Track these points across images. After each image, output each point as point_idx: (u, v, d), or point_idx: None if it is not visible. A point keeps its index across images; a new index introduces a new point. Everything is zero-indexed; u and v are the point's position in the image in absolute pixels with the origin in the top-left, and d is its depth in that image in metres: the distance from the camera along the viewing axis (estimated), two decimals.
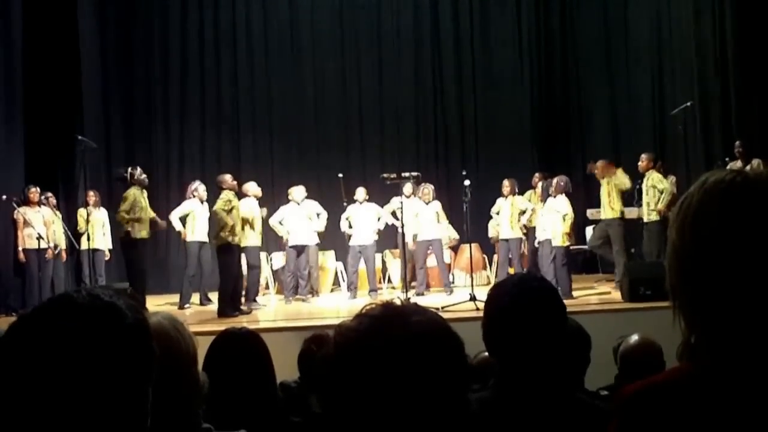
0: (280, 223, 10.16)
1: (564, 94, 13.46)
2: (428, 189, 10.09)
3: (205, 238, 9.54)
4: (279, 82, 13.00)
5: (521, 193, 10.29)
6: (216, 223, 8.77)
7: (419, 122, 13.35)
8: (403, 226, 9.28)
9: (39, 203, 9.40)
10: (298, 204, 10.10)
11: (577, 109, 13.43)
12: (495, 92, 13.36)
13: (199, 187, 9.65)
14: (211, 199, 9.45)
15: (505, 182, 10.06)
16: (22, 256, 9.21)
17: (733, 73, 10.33)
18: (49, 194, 9.61)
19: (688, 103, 9.54)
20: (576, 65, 13.42)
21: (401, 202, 9.17)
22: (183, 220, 9.64)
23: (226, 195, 8.82)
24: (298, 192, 10.16)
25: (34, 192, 9.34)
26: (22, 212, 9.18)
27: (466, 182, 8.86)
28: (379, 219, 10.25)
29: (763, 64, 9.84)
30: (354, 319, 1.06)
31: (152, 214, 9.10)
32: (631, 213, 9.66)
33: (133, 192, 8.75)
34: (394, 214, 9.99)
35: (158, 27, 12.71)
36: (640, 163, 9.32)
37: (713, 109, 10.61)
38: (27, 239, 9.23)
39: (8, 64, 9.96)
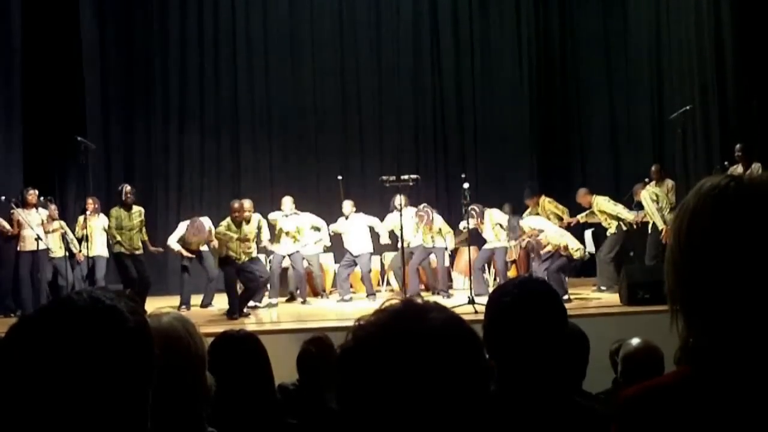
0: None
1: (563, 99, 13.44)
2: (423, 212, 9.68)
3: (204, 247, 9.58)
4: (278, 84, 12.96)
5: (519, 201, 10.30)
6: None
7: (418, 126, 13.32)
8: (402, 230, 9.25)
9: (36, 206, 9.33)
10: (287, 216, 9.98)
11: (576, 113, 13.41)
12: (494, 96, 13.32)
13: None
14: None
15: None
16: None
17: (732, 76, 10.33)
18: (49, 198, 9.55)
19: (687, 107, 9.54)
20: (575, 69, 13.41)
21: (399, 207, 9.14)
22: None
23: (225, 222, 8.93)
24: (286, 203, 10.08)
25: (33, 194, 9.25)
26: (18, 213, 9.13)
27: (465, 185, 8.85)
28: (372, 228, 10.21)
29: (762, 67, 9.84)
30: (374, 314, 1.06)
31: (144, 237, 9.12)
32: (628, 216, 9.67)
33: (115, 213, 8.88)
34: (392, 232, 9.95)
35: (158, 29, 12.66)
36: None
37: (712, 112, 10.61)
38: (22, 241, 9.17)
39: (8, 65, 9.95)
